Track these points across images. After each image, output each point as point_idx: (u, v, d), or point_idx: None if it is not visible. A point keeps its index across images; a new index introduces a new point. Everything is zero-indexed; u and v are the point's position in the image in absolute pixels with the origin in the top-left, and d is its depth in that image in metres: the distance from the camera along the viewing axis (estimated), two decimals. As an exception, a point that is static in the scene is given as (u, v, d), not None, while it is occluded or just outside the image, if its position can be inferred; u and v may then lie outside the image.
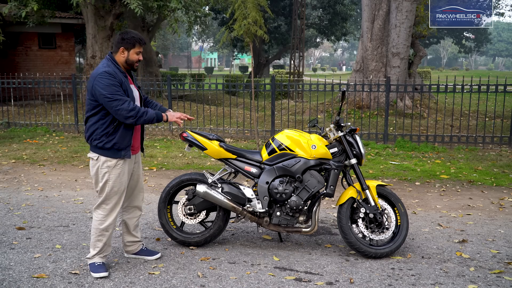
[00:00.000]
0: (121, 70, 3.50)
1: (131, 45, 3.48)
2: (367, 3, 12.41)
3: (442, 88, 9.24)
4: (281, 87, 10.26)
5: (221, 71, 65.65)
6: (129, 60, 3.51)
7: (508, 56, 78.27)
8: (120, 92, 3.37)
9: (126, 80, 3.48)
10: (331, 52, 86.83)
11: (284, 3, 29.51)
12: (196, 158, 7.95)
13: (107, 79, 3.35)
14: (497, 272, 3.66)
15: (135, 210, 3.80)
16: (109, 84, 3.34)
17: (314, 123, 4.27)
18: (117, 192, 3.54)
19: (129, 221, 3.78)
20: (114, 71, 3.42)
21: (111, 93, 3.33)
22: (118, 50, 3.48)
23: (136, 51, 3.51)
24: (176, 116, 3.59)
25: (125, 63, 3.52)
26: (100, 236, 3.56)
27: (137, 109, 3.38)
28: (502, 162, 7.63)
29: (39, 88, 11.45)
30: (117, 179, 3.50)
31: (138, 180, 3.77)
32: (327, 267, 3.73)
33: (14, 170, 7.17)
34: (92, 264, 3.57)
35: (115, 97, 3.33)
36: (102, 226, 3.54)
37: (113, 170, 3.49)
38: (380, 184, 4.02)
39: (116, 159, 3.47)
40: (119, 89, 3.36)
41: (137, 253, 3.85)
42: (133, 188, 3.75)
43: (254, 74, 12.60)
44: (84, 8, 13.77)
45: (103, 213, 3.56)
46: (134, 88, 3.62)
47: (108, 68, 3.41)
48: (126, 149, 3.49)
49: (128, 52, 3.49)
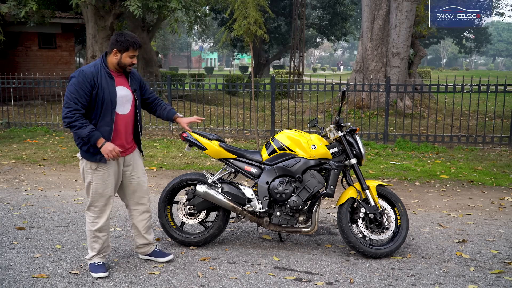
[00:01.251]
0: (108, 71, 3.42)
1: (124, 48, 3.40)
2: (367, 3, 12.41)
3: (442, 88, 9.24)
4: (281, 87, 10.26)
5: (221, 71, 65.65)
6: (121, 63, 3.44)
7: (508, 56, 78.27)
8: (76, 96, 3.27)
9: (109, 82, 3.40)
10: (331, 52, 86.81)
11: (284, 3, 29.50)
12: (196, 158, 7.95)
13: (75, 78, 3.32)
14: (497, 272, 3.66)
15: (142, 213, 3.73)
16: (74, 83, 3.31)
17: (314, 123, 4.27)
18: (102, 194, 3.49)
19: (138, 224, 3.73)
20: (95, 71, 3.36)
21: (69, 91, 3.31)
22: (111, 51, 3.42)
23: (129, 54, 3.42)
24: (108, 149, 3.32)
25: (117, 66, 3.46)
26: (95, 238, 3.54)
27: (74, 118, 3.26)
28: (502, 162, 7.63)
29: (39, 88, 11.45)
30: (100, 181, 3.46)
31: (138, 183, 3.67)
32: (327, 267, 3.73)
33: (14, 170, 7.17)
34: (92, 265, 3.57)
35: (67, 97, 3.30)
36: (94, 228, 3.52)
37: (95, 172, 3.45)
38: (380, 184, 4.02)
39: (96, 162, 3.43)
40: (79, 92, 3.28)
41: (149, 254, 3.83)
42: (135, 191, 3.68)
43: (254, 74, 12.61)
44: (84, 8, 13.76)
45: (93, 215, 3.53)
46: (127, 91, 3.50)
47: (88, 68, 3.36)
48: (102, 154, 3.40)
49: (121, 54, 3.41)
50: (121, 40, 3.39)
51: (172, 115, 3.83)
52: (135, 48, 3.43)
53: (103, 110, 3.38)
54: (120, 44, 3.39)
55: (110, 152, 3.33)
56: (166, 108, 3.83)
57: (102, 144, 3.33)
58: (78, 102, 3.29)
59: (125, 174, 3.62)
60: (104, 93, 3.36)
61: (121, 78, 3.52)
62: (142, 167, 3.73)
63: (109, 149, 3.33)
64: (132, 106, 3.56)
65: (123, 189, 3.68)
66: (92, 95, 3.34)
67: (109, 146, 3.34)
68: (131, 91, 3.55)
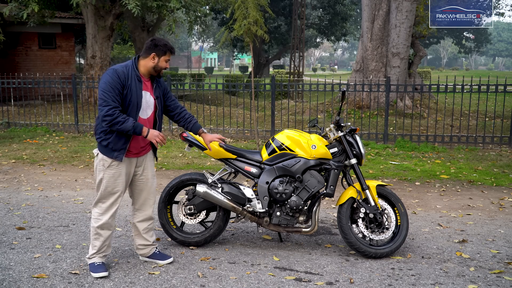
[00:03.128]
0: (138, 74, 3.49)
1: (163, 52, 3.50)
2: (367, 3, 12.41)
3: (442, 88, 9.24)
4: (281, 87, 10.26)
5: (221, 71, 65.65)
6: (158, 66, 3.52)
7: (508, 56, 78.26)
8: (113, 94, 3.34)
9: (138, 85, 3.47)
10: (331, 52, 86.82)
11: (284, 3, 29.51)
12: (196, 158, 7.95)
13: (109, 76, 3.37)
14: (497, 272, 3.66)
15: (145, 216, 3.75)
16: (109, 81, 3.36)
17: (314, 123, 4.27)
18: (111, 192, 3.53)
19: (139, 225, 3.75)
20: (126, 72, 3.43)
21: (104, 90, 3.35)
22: (148, 55, 3.49)
23: (166, 58, 3.53)
24: (155, 135, 3.47)
25: (152, 69, 3.53)
26: (96, 235, 3.56)
27: (115, 115, 3.32)
28: (502, 162, 7.63)
29: (39, 88, 11.46)
30: (111, 179, 3.50)
31: (147, 184, 3.71)
32: (327, 267, 3.73)
33: (14, 170, 7.17)
34: (92, 264, 3.58)
35: (104, 96, 3.34)
36: (97, 224, 3.54)
37: (108, 170, 3.49)
38: (380, 184, 4.02)
39: (110, 159, 3.47)
40: (115, 91, 3.35)
41: (149, 256, 3.83)
42: (142, 190, 3.71)
43: (254, 74, 12.60)
44: (84, 8, 13.77)
45: (99, 211, 3.57)
46: (150, 97, 3.57)
47: (121, 68, 3.43)
48: (120, 151, 3.46)
49: (159, 58, 3.50)
50: (161, 45, 3.50)
51: (196, 129, 3.88)
52: (171, 53, 3.57)
53: (128, 111, 3.45)
54: (160, 49, 3.49)
55: (156, 137, 3.46)
56: (191, 121, 3.86)
57: (147, 132, 3.45)
58: (116, 99, 3.37)
59: (136, 174, 3.68)
60: (132, 95, 3.44)
61: (148, 83, 3.59)
62: (153, 169, 3.79)
63: (155, 134, 3.47)
64: (153, 112, 3.64)
65: (131, 187, 3.74)
66: (122, 95, 3.41)
67: (155, 132, 3.48)
68: (154, 97, 3.62)
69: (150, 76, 3.60)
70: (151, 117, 3.63)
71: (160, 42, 3.51)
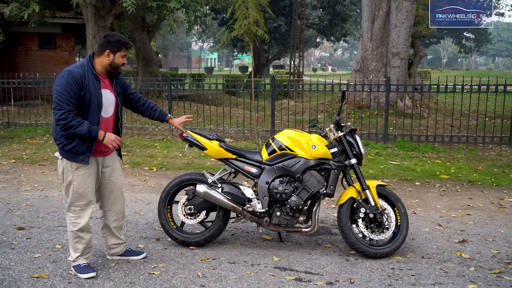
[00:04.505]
0: (95, 73, 3.40)
1: (117, 48, 3.40)
2: (367, 3, 12.41)
3: (442, 88, 9.24)
4: (281, 87, 10.27)
5: (221, 71, 65.62)
6: (114, 63, 3.44)
7: (508, 56, 78.25)
8: (67, 97, 3.23)
9: (96, 84, 3.38)
10: (331, 52, 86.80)
11: (284, 3, 29.51)
12: (196, 158, 7.95)
13: (64, 79, 3.27)
14: (497, 272, 3.66)
15: (116, 214, 3.71)
16: (63, 84, 3.25)
17: (314, 123, 4.27)
18: (82, 194, 3.45)
19: (111, 224, 3.71)
20: (82, 72, 3.33)
21: (58, 93, 3.25)
22: (103, 52, 3.40)
23: (121, 54, 3.44)
24: (111, 139, 3.37)
25: (109, 66, 3.44)
26: (77, 238, 3.50)
27: (69, 119, 3.23)
28: (502, 162, 7.63)
29: (39, 88, 11.45)
30: (81, 181, 3.42)
31: (116, 184, 3.66)
32: (327, 267, 3.73)
33: (14, 170, 7.17)
34: (78, 266, 3.53)
35: (58, 99, 3.24)
36: (76, 228, 3.48)
37: (76, 172, 3.41)
38: (380, 184, 4.02)
39: (77, 163, 3.40)
40: (70, 93, 3.24)
41: (122, 254, 3.81)
42: (112, 192, 3.66)
43: (254, 74, 12.60)
44: (84, 8, 13.76)
45: (74, 215, 3.49)
46: (110, 94, 3.50)
47: (76, 69, 3.33)
48: (85, 154, 3.37)
49: (114, 55, 3.41)
50: (114, 41, 3.40)
51: (163, 116, 3.86)
52: (126, 48, 3.46)
53: (89, 112, 3.36)
54: (113, 45, 3.40)
55: (113, 142, 3.39)
56: (156, 109, 3.83)
57: (104, 135, 3.36)
58: (70, 103, 3.26)
59: (104, 175, 3.61)
60: (91, 95, 3.34)
61: (106, 81, 3.51)
62: (119, 168, 3.73)
63: (112, 138, 3.39)
64: (114, 110, 3.56)
65: (99, 190, 3.65)
66: (80, 96, 3.31)
67: (111, 136, 3.39)
68: (114, 94, 3.55)
69: (108, 73, 3.51)
70: (112, 115, 3.54)
71: (113, 38, 3.40)
